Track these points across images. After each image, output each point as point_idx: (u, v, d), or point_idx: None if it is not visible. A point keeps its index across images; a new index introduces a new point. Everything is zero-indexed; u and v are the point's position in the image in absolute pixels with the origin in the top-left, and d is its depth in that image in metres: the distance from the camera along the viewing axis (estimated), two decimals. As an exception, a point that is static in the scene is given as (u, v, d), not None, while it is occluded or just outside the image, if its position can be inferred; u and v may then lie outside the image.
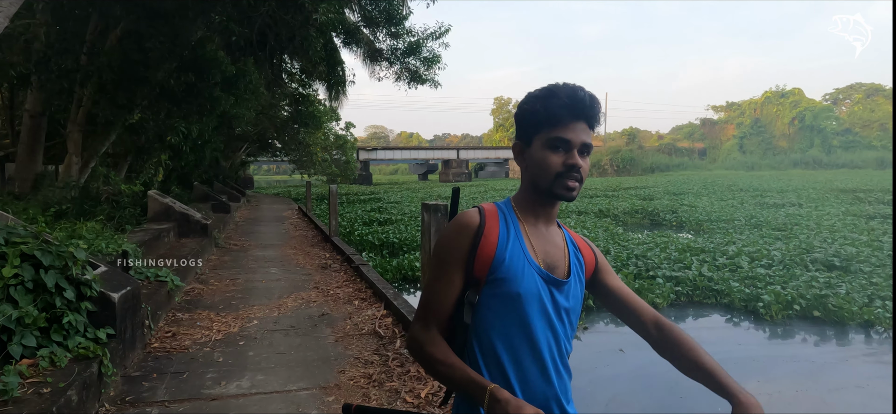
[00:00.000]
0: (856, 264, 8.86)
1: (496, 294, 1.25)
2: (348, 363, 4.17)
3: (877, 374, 5.25)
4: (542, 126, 1.28)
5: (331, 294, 6.54)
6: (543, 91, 1.29)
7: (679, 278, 8.20)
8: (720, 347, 6.20)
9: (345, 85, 15.25)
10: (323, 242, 11.19)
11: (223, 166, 22.72)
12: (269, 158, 37.95)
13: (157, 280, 5.63)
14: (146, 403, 3.43)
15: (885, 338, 6.18)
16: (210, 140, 14.30)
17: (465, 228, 1.28)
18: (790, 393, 4.93)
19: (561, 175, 1.25)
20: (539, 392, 1.27)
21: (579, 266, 1.37)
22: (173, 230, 8.71)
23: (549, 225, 1.36)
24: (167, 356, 4.29)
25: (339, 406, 3.43)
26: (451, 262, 1.28)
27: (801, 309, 6.91)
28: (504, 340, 1.26)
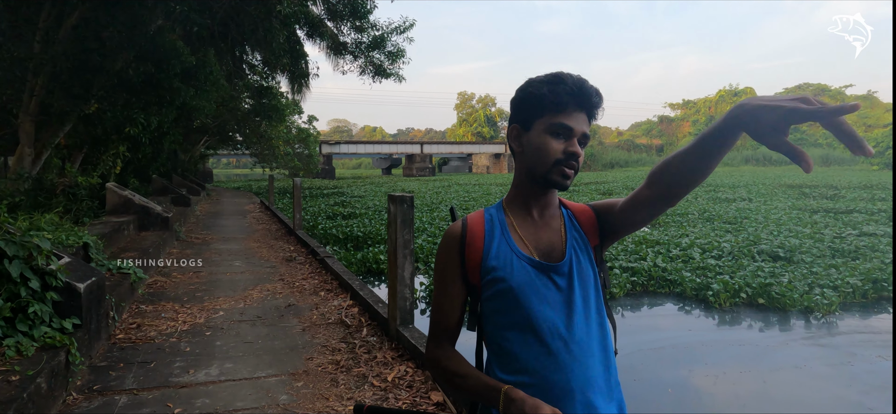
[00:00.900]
0: (798, 255, 9.37)
1: (493, 294, 1.26)
2: (316, 351, 4.26)
3: (813, 355, 5.63)
4: (545, 111, 1.24)
5: (296, 286, 6.58)
6: (550, 76, 1.26)
7: (635, 269, 8.52)
8: (672, 334, 6.53)
9: (308, 78, 15.14)
10: (287, 236, 11.15)
11: (182, 159, 22.22)
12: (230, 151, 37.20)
13: (119, 272, 5.58)
14: (114, 391, 3.45)
15: (823, 323, 6.60)
16: (169, 132, 14.01)
17: (451, 241, 1.31)
18: (734, 374, 5.24)
19: (560, 162, 1.23)
20: (557, 381, 1.20)
21: (580, 239, 1.31)
22: (133, 223, 8.56)
23: (543, 212, 1.33)
24: (133, 346, 4.29)
25: (309, 392, 3.53)
26: (446, 277, 1.31)
27: (747, 297, 7.29)
28: (511, 336, 1.24)
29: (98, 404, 3.27)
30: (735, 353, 5.82)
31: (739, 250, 9.82)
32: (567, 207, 1.38)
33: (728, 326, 6.70)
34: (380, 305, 5.09)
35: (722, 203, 19.26)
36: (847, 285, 7.51)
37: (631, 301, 7.69)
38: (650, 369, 5.41)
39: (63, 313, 3.64)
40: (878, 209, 16.24)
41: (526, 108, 1.28)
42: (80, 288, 3.75)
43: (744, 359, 5.63)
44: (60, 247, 4.92)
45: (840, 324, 6.59)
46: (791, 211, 16.37)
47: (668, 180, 1.16)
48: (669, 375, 5.29)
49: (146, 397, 3.39)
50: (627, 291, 7.92)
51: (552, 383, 1.19)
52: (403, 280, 4.39)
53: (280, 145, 27.56)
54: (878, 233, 11.63)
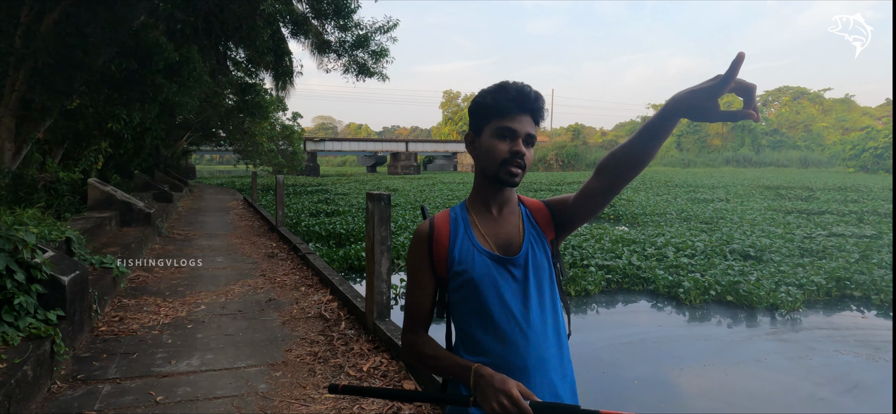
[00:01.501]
0: (768, 254, 9.67)
1: (457, 285, 1.40)
2: (295, 343, 4.40)
3: (775, 350, 5.89)
4: (491, 117, 1.38)
5: (277, 281, 6.70)
6: (495, 86, 1.41)
7: (610, 267, 8.75)
8: (643, 329, 6.76)
9: (292, 75, 15.19)
10: (269, 232, 11.23)
11: (164, 155, 22.10)
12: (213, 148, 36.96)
13: (101, 267, 5.66)
14: (98, 381, 3.57)
15: (787, 319, 6.87)
16: (151, 128, 13.99)
17: (420, 239, 1.45)
18: (699, 367, 5.48)
19: (506, 162, 1.36)
20: (513, 362, 1.34)
21: (535, 233, 1.44)
22: (115, 219, 8.60)
23: (502, 209, 1.46)
24: (115, 338, 4.40)
25: (287, 381, 3.68)
26: (417, 270, 1.45)
27: (716, 294, 7.55)
28: (473, 322, 1.39)
29: (82, 392, 3.39)
30: (701, 347, 6.06)
31: (712, 249, 10.11)
32: (525, 203, 1.52)
33: (697, 323, 6.95)
34: (358, 300, 5.25)
35: (700, 203, 19.64)
36: (812, 284, 7.80)
37: (606, 298, 7.91)
38: (620, 363, 5.63)
39: (47, 305, 3.74)
40: (849, 210, 16.70)
41: (476, 116, 1.42)
42: (65, 281, 3.86)
43: (709, 353, 5.87)
44: (43, 241, 5.00)
45: (803, 320, 6.86)
46: (766, 212, 16.77)
47: (615, 168, 1.31)
48: (638, 368, 5.51)
49: (129, 386, 3.52)
50: (602, 288, 8.13)
51: (509, 364, 1.34)
52: (380, 275, 4.54)
53: (264, 142, 27.49)
54: (847, 234, 12.02)
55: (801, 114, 75.28)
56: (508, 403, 1.19)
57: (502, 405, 1.20)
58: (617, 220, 16.46)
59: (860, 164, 50.04)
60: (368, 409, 3.25)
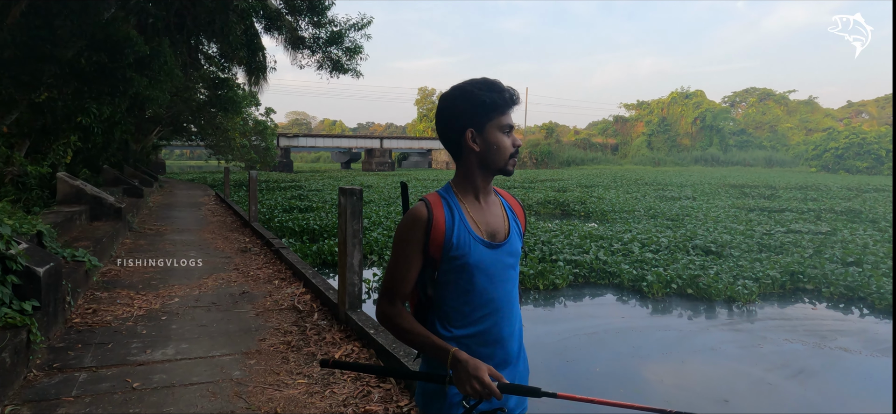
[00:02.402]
0: (728, 250, 10.07)
1: (452, 269, 1.51)
2: (268, 333, 4.53)
3: (729, 339, 6.21)
4: (493, 114, 1.50)
5: (251, 275, 6.79)
6: (483, 83, 1.51)
7: (578, 262, 9.01)
8: (608, 321, 7.03)
9: (265, 71, 15.13)
10: (242, 227, 11.24)
11: (133, 150, 21.76)
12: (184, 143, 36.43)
13: (73, 260, 5.68)
14: (74, 369, 3.65)
15: (743, 311, 7.21)
16: (120, 122, 13.82)
17: (418, 222, 1.51)
18: (658, 355, 5.76)
19: (513, 155, 1.54)
20: (490, 334, 1.54)
21: (516, 225, 1.64)
22: (85, 213, 8.55)
23: (487, 197, 1.60)
24: (90, 330, 4.46)
25: (261, 368, 3.81)
26: (409, 249, 1.51)
27: (677, 287, 7.86)
28: (464, 301, 1.52)
29: (59, 380, 3.48)
30: (661, 337, 6.35)
31: (676, 245, 10.46)
32: (500, 193, 1.69)
33: (659, 315, 7.25)
34: (331, 292, 5.38)
35: (667, 201, 20.14)
36: (767, 277, 8.18)
37: (573, 292, 8.17)
38: (583, 352, 5.88)
39: (22, 296, 3.80)
40: (808, 208, 17.35)
41: (477, 113, 1.51)
42: (40, 272, 3.92)
43: (668, 343, 6.16)
44: (15, 234, 5.01)
45: (758, 312, 7.22)
46: (730, 209, 17.32)
47: None
48: (600, 357, 5.76)
49: (105, 374, 3.61)
50: (570, 282, 8.38)
51: (492, 334, 1.54)
52: (352, 267, 4.69)
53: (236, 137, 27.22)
54: (804, 230, 12.54)
55: (766, 115, 77.33)
56: (480, 387, 1.35)
57: (475, 389, 1.36)
58: (587, 217, 16.82)
59: (822, 164, 51.71)
60: (340, 392, 3.41)
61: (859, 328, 6.65)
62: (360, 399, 3.30)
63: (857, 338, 6.27)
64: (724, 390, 4.87)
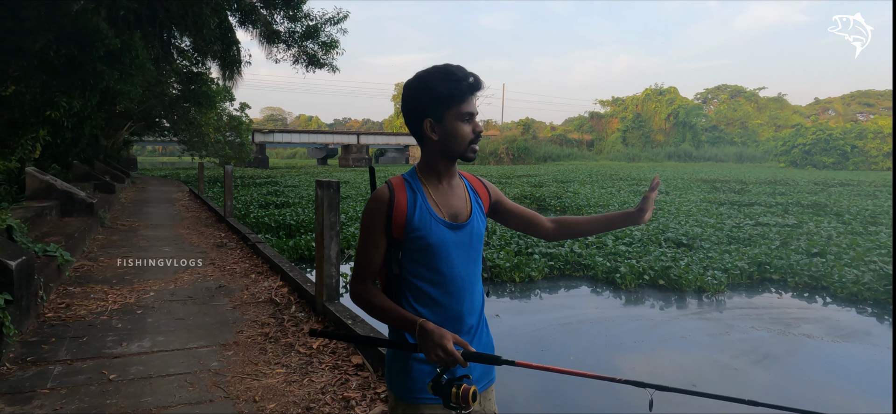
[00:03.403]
0: (698, 242, 10.32)
1: (414, 248, 1.57)
2: (246, 325, 4.54)
3: (698, 327, 6.39)
4: (452, 103, 1.54)
5: (227, 269, 6.76)
6: (444, 73, 1.54)
7: (553, 254, 9.15)
8: (582, 312, 7.17)
9: (240, 65, 14.98)
10: (217, 223, 11.15)
11: (104, 145, 21.31)
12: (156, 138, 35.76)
13: (45, 255, 5.60)
14: (49, 362, 3.63)
15: (712, 301, 7.42)
16: (90, 116, 13.55)
17: (380, 202, 1.57)
18: (629, 344, 5.91)
19: (472, 142, 1.58)
20: (454, 309, 1.61)
21: (479, 206, 1.70)
22: (56, 208, 8.39)
23: (451, 182, 1.66)
24: (63, 324, 4.42)
25: (239, 359, 3.83)
26: (373, 230, 1.58)
27: (649, 279, 8.04)
28: (426, 279, 1.59)
29: (33, 373, 3.45)
30: (632, 327, 6.51)
31: (648, 238, 10.68)
32: (465, 176, 1.75)
33: (632, 305, 7.41)
34: (308, 285, 5.41)
35: (640, 196, 20.45)
36: (736, 268, 8.41)
37: (549, 284, 8.30)
38: (557, 342, 6.00)
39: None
40: (776, 202, 17.81)
41: (435, 103, 1.55)
42: (12, 266, 3.87)
43: (639, 332, 6.32)
44: (-16, 229, 4.93)
45: (727, 301, 7.43)
46: (701, 203, 17.69)
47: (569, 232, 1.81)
48: (573, 346, 5.89)
49: (81, 366, 3.59)
50: (545, 274, 8.51)
51: (451, 310, 1.60)
52: (329, 259, 4.73)
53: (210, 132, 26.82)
54: (771, 223, 12.89)
55: (737, 111, 78.90)
56: (444, 354, 1.42)
57: (440, 357, 1.42)
58: (563, 211, 17.03)
59: (790, 160, 53.02)
60: (318, 381, 3.45)
61: (822, 316, 6.90)
62: (338, 386, 3.35)
63: (820, 325, 6.51)
64: (692, 376, 5.03)
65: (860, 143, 49.80)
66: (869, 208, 15.59)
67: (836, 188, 23.85)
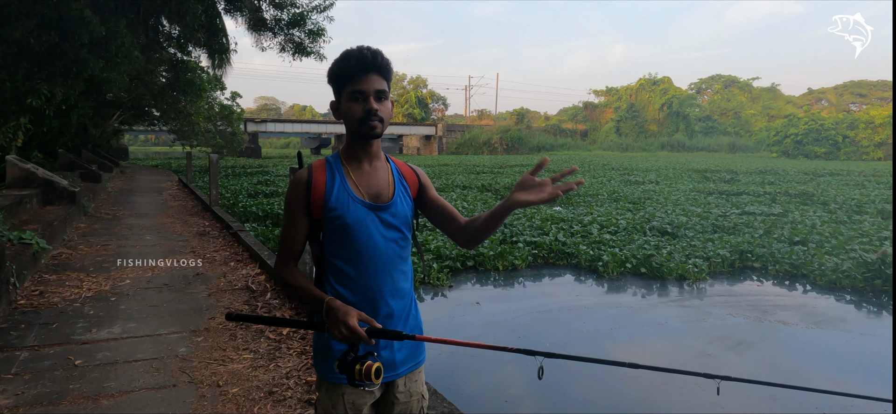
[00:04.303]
0: (683, 231, 10.36)
1: (332, 228, 1.59)
2: (219, 312, 4.54)
3: (676, 314, 6.44)
4: (344, 83, 1.59)
5: (207, 257, 6.75)
6: (339, 56, 1.61)
7: (537, 243, 9.18)
8: (563, 299, 7.21)
9: (228, 53, 14.89)
10: (203, 212, 11.11)
11: (92, 134, 21.18)
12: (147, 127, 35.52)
13: (20, 242, 5.58)
14: (15, 349, 3.62)
15: (693, 288, 7.47)
16: (77, 105, 13.45)
17: (298, 184, 1.61)
18: (607, 330, 5.95)
19: (363, 120, 1.57)
20: (373, 289, 1.61)
21: (404, 189, 1.70)
22: (36, 197, 8.35)
23: (372, 163, 1.67)
24: (35, 311, 4.41)
25: (208, 345, 3.83)
26: (293, 211, 1.62)
27: (632, 267, 8.08)
28: (344, 258, 1.60)
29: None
30: (611, 314, 6.55)
31: (634, 227, 10.72)
32: (394, 162, 1.75)
33: (613, 293, 7.45)
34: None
35: (631, 185, 20.52)
36: (718, 256, 8.46)
37: (532, 272, 8.33)
38: (535, 328, 6.03)
39: (-40, 276, 3.74)
40: (765, 192, 17.90)
41: (334, 84, 1.63)
42: (-22, 252, 3.85)
43: (618, 318, 6.36)
44: (-44, 216, 4.91)
45: (707, 289, 7.48)
46: (690, 193, 17.77)
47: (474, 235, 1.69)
48: (551, 332, 5.92)
49: (47, 352, 3.59)
50: (529, 263, 8.54)
51: (370, 290, 1.61)
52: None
53: (200, 122, 26.66)
54: (757, 212, 12.96)
55: (731, 101, 78.97)
56: (346, 331, 1.44)
57: (343, 334, 1.45)
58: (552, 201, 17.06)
59: (782, 150, 53.22)
60: (284, 366, 3.46)
61: (799, 303, 6.96)
62: (302, 371, 3.36)
63: (797, 312, 6.57)
64: (665, 361, 5.07)
65: (852, 133, 50.01)
66: (855, 198, 15.68)
67: (825, 178, 23.97)
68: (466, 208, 12.89)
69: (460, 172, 26.50)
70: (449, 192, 17.23)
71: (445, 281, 7.41)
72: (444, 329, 5.96)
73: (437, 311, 6.62)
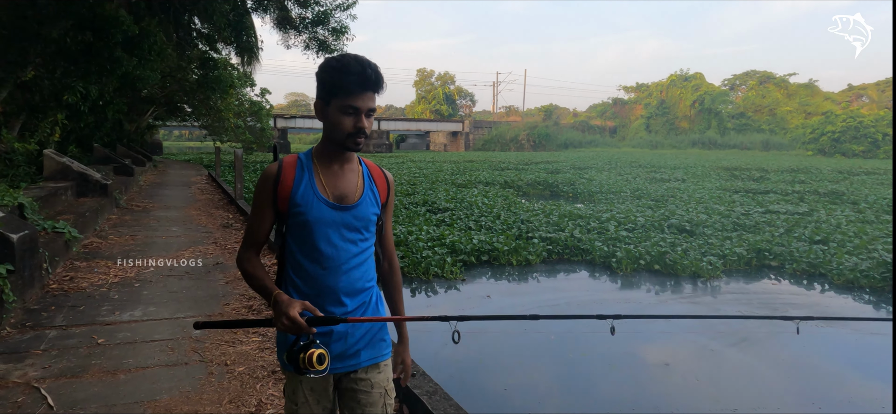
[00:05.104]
0: (701, 229, 10.30)
1: (295, 223, 1.65)
2: (234, 298, 4.80)
3: (684, 310, 6.47)
4: (338, 93, 1.58)
5: (228, 248, 7.05)
6: (338, 63, 1.58)
7: (553, 239, 9.25)
8: (573, 294, 7.32)
9: (256, 51, 15.30)
10: (228, 205, 11.50)
11: (127, 129, 21.94)
12: (180, 123, 36.49)
13: (54, 231, 5.94)
14: (45, 328, 3.93)
15: (707, 286, 7.47)
16: (112, 101, 14.01)
17: (267, 178, 1.67)
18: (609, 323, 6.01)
19: (351, 135, 1.61)
20: (325, 286, 1.65)
21: (373, 194, 1.74)
22: (71, 189, 8.79)
23: (343, 166, 1.71)
24: (65, 294, 4.74)
25: (220, 328, 4.08)
26: (260, 202, 1.68)
27: (646, 263, 8.11)
28: (303, 253, 1.66)
29: (30, 336, 3.75)
30: (618, 308, 6.57)
31: (652, 224, 10.69)
32: (367, 165, 1.81)
33: (625, 289, 7.50)
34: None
35: (656, 183, 20.30)
36: (734, 254, 8.42)
37: (546, 268, 8.42)
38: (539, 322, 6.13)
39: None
40: (793, 190, 17.56)
41: (324, 89, 1.62)
42: (14, 239, 4.17)
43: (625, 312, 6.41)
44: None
45: (722, 287, 7.47)
46: (716, 191, 17.52)
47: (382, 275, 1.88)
48: (554, 325, 6.01)
49: (74, 331, 3.88)
50: (544, 258, 8.62)
51: (325, 286, 1.66)
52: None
53: (230, 118, 27.31)
54: (781, 211, 12.76)
55: (766, 98, 77.03)
56: (288, 322, 1.50)
57: (285, 325, 1.51)
58: (575, 197, 17.05)
59: (818, 148, 51.72)
60: (289, 349, 3.68)
61: (812, 302, 6.92)
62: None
63: (808, 310, 6.53)
64: (665, 354, 5.14)
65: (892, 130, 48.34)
66: (887, 198, 15.28)
67: (860, 177, 23.33)
68: (486, 204, 13.00)
69: (484, 169, 26.57)
70: (471, 188, 17.35)
71: (458, 274, 7.56)
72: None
73: (447, 303, 6.79)
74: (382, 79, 1.63)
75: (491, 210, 12.10)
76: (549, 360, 5.07)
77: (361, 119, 1.61)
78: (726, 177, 23.67)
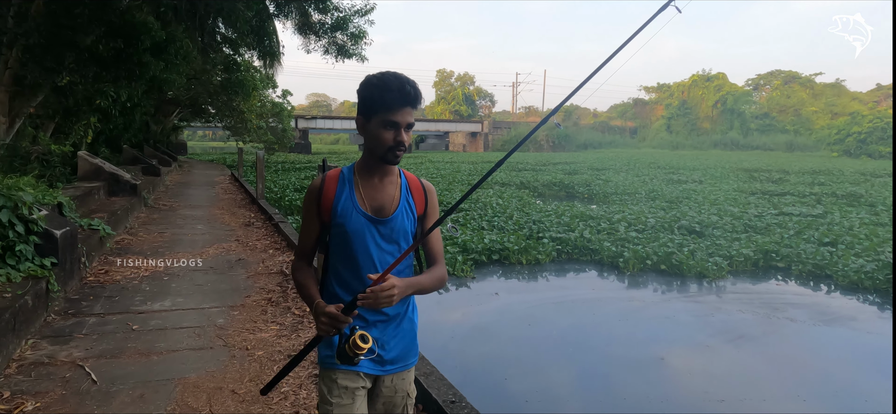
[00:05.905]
0: (710, 230, 10.44)
1: (336, 233, 1.75)
2: (254, 292, 5.17)
3: (685, 309, 6.68)
4: (379, 110, 1.66)
5: (249, 245, 7.45)
6: (379, 81, 1.68)
7: (563, 239, 9.48)
8: (580, 293, 7.56)
9: (277, 54, 15.77)
10: (250, 204, 11.94)
11: (154, 130, 22.69)
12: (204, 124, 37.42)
13: (90, 228, 6.38)
14: (86, 315, 4.34)
15: (712, 286, 7.65)
16: (140, 104, 14.59)
17: (312, 191, 1.79)
18: (613, 321, 6.27)
19: (392, 148, 1.68)
20: None
21: (409, 206, 1.81)
22: (103, 189, 9.29)
23: (383, 179, 1.79)
24: (101, 286, 5.16)
25: (242, 318, 4.45)
26: (307, 214, 1.80)
27: (652, 263, 8.30)
28: (342, 263, 1.77)
29: (72, 322, 4.16)
30: (623, 306, 6.85)
31: (662, 225, 10.85)
32: (406, 177, 1.87)
33: (631, 288, 7.71)
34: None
35: (673, 184, 20.31)
36: (740, 255, 8.57)
37: (555, 267, 8.65)
38: (547, 318, 6.40)
39: (43, 254, 4.48)
40: (811, 192, 17.49)
41: (366, 105, 1.71)
42: (57, 234, 4.59)
43: (628, 311, 6.66)
44: (38, 203, 5.71)
45: (727, 287, 7.64)
46: (732, 192, 17.51)
47: None
48: (560, 322, 6.28)
49: (111, 319, 4.28)
50: (553, 258, 8.85)
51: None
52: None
53: (252, 119, 28.00)
54: (795, 213, 12.81)
55: (791, 98, 75.83)
56: (327, 320, 1.60)
57: (324, 323, 1.61)
58: (590, 198, 17.20)
59: (844, 149, 50.79)
60: (304, 336, 4.01)
61: (814, 302, 7.06)
62: (319, 341, 3.90)
63: (809, 310, 6.69)
64: (662, 349, 5.37)
65: (920, 132, 47.29)
66: (904, 199, 15.17)
67: (882, 179, 23.05)
68: (500, 205, 13.26)
69: (502, 169, 26.71)
70: (487, 188, 17.62)
71: (469, 273, 7.84)
72: (459, 315, 6.44)
73: (457, 300, 7.08)
74: (420, 94, 1.74)
75: (505, 210, 12.35)
76: (549, 357, 5.33)
77: (401, 133, 1.70)
78: (745, 178, 23.53)
